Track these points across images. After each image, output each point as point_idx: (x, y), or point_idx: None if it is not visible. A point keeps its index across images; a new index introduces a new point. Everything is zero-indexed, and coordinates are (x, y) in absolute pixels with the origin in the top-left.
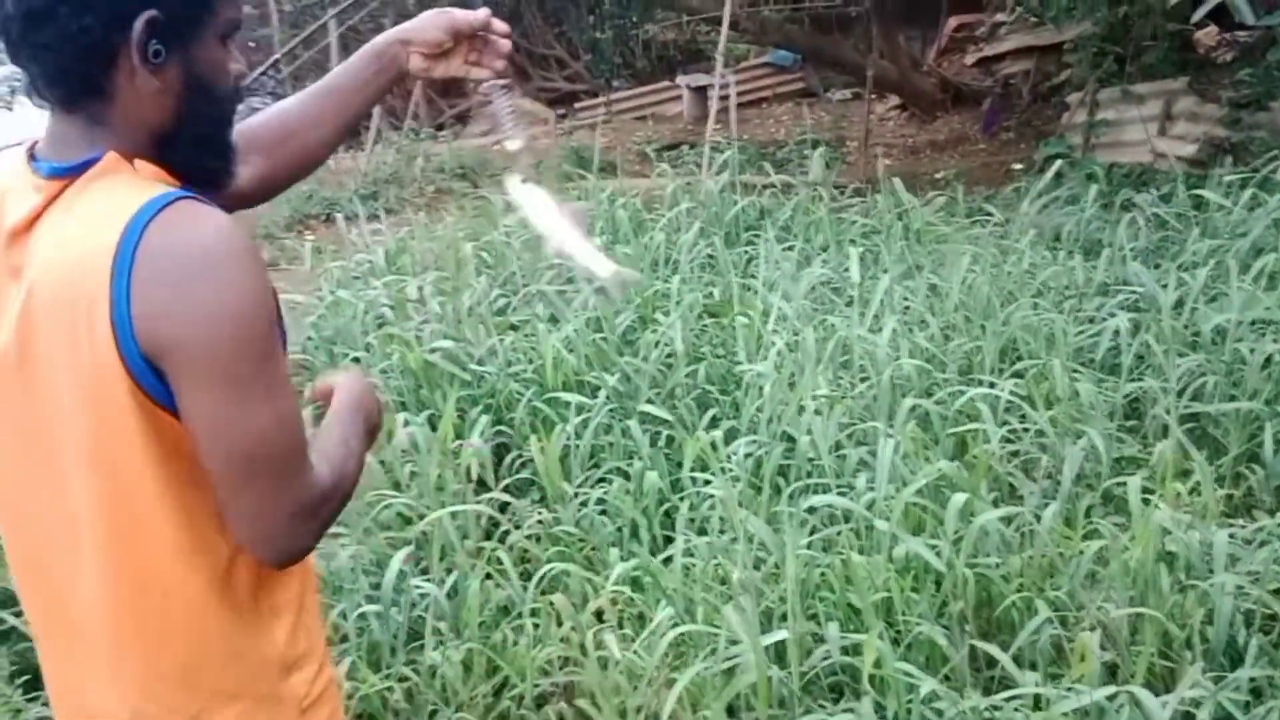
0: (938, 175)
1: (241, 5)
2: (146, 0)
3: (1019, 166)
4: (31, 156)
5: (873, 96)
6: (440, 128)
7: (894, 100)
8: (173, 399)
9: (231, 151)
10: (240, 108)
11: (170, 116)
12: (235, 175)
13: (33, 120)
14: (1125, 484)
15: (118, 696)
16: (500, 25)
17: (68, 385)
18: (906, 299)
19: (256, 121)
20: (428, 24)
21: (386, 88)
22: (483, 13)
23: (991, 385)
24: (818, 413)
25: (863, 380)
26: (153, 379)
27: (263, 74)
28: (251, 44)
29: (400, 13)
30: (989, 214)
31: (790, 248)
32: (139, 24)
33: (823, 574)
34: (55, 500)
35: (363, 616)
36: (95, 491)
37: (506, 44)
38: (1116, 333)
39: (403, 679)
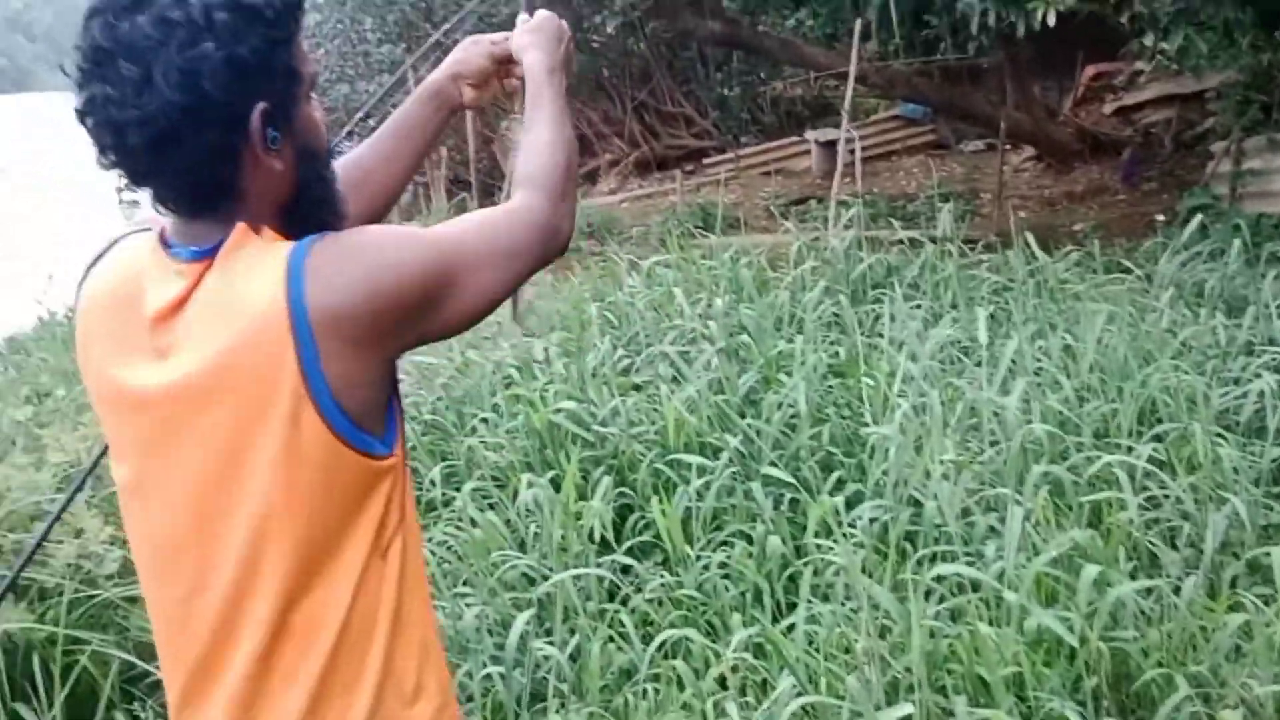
0: (1075, 228)
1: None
2: (255, 94)
3: (1161, 218)
4: (164, 243)
5: (1007, 147)
6: None
7: (1029, 151)
8: (365, 440)
9: (342, 201)
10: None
11: (290, 187)
12: (348, 218)
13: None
14: (1271, 553)
15: None
16: None
17: (251, 441)
18: (1038, 359)
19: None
20: (471, 56)
21: (445, 123)
22: (505, 36)
23: (1129, 450)
24: (945, 477)
25: (992, 444)
26: (344, 420)
27: (350, 131)
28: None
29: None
30: (1127, 269)
31: (918, 306)
32: (255, 120)
33: (950, 645)
34: (220, 552)
35: (487, 677)
36: (282, 538)
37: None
38: (1262, 394)
39: None
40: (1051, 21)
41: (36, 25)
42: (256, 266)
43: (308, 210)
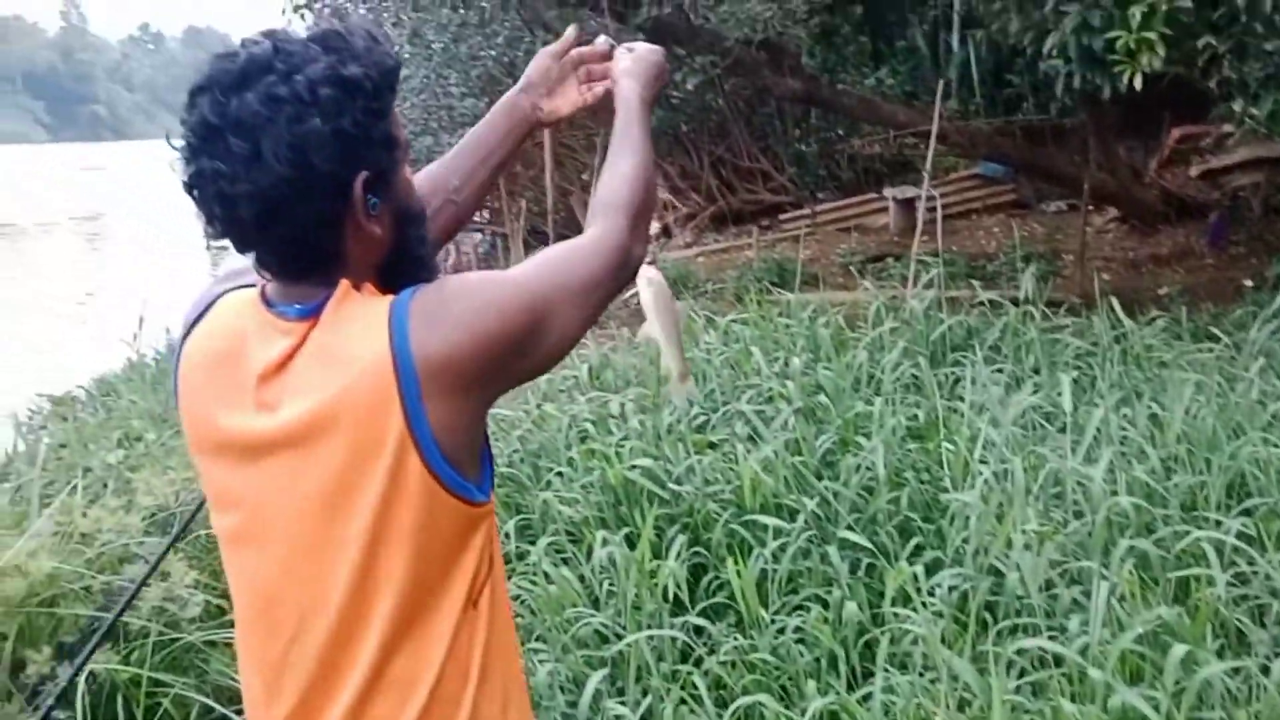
0: (1160, 291)
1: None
2: (357, 164)
3: (1249, 284)
4: (267, 302)
5: (1090, 208)
6: None
7: (1112, 212)
8: (464, 485)
9: (433, 259)
10: None
11: (388, 248)
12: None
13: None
14: None
15: None
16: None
17: (354, 490)
18: (1124, 428)
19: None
20: (532, 66)
21: (522, 138)
22: (569, 30)
23: (1217, 524)
24: (1027, 547)
25: (1076, 515)
26: (445, 465)
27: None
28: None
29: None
30: (1215, 336)
31: (999, 370)
32: (357, 188)
33: None
34: (321, 601)
35: None
36: (383, 587)
37: (603, 44)
38: None
39: None
40: (1138, 85)
41: (136, 76)
42: (360, 319)
43: (405, 269)
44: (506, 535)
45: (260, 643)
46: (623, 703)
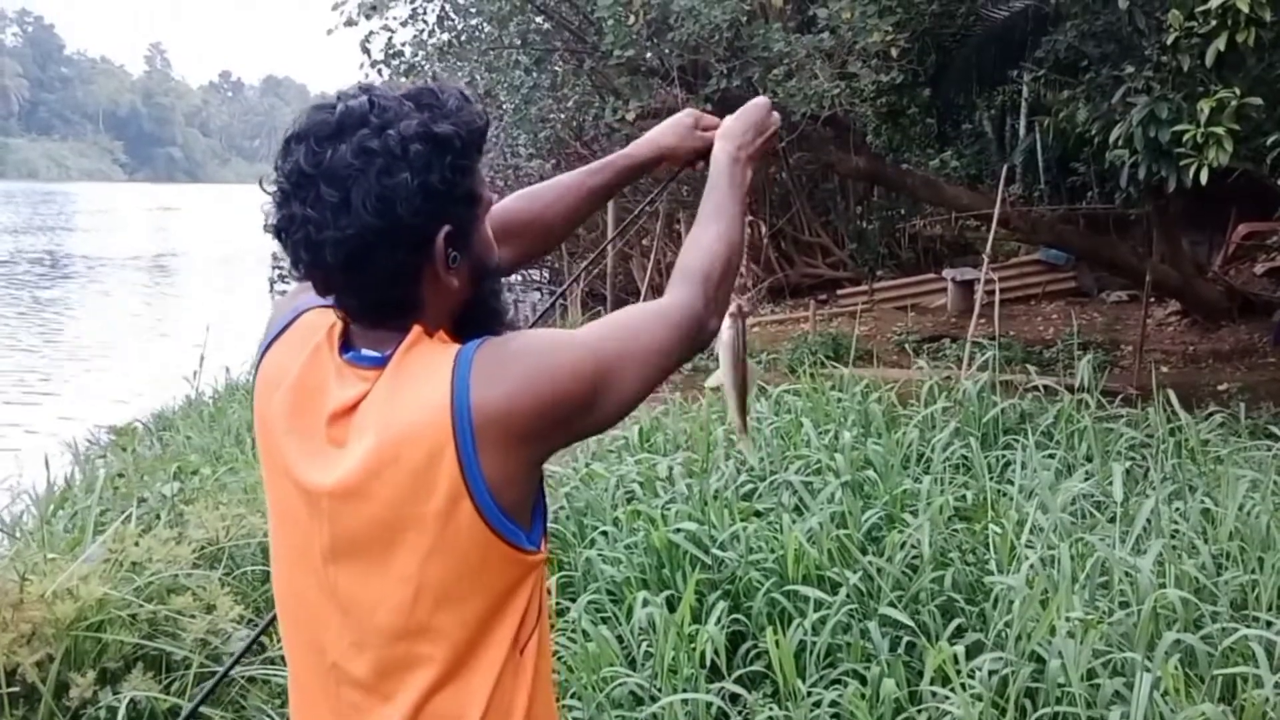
0: (1220, 388)
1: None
2: (441, 218)
3: None
4: (345, 343)
5: (1151, 300)
6: None
7: (1174, 305)
8: (517, 534)
9: (505, 309)
10: None
11: (464, 300)
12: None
13: None
14: None
15: None
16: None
17: (405, 533)
18: (1175, 522)
19: (508, 204)
20: (683, 143)
21: (631, 177)
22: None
23: (1268, 625)
24: (1071, 635)
25: (1122, 606)
26: (499, 513)
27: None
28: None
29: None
30: (1275, 435)
31: (1051, 455)
32: (439, 242)
33: None
34: (368, 640)
35: None
36: (430, 630)
37: None
38: None
39: None
40: (1204, 179)
41: (213, 121)
42: (428, 366)
43: (478, 318)
44: (548, 591)
45: (303, 663)
46: None
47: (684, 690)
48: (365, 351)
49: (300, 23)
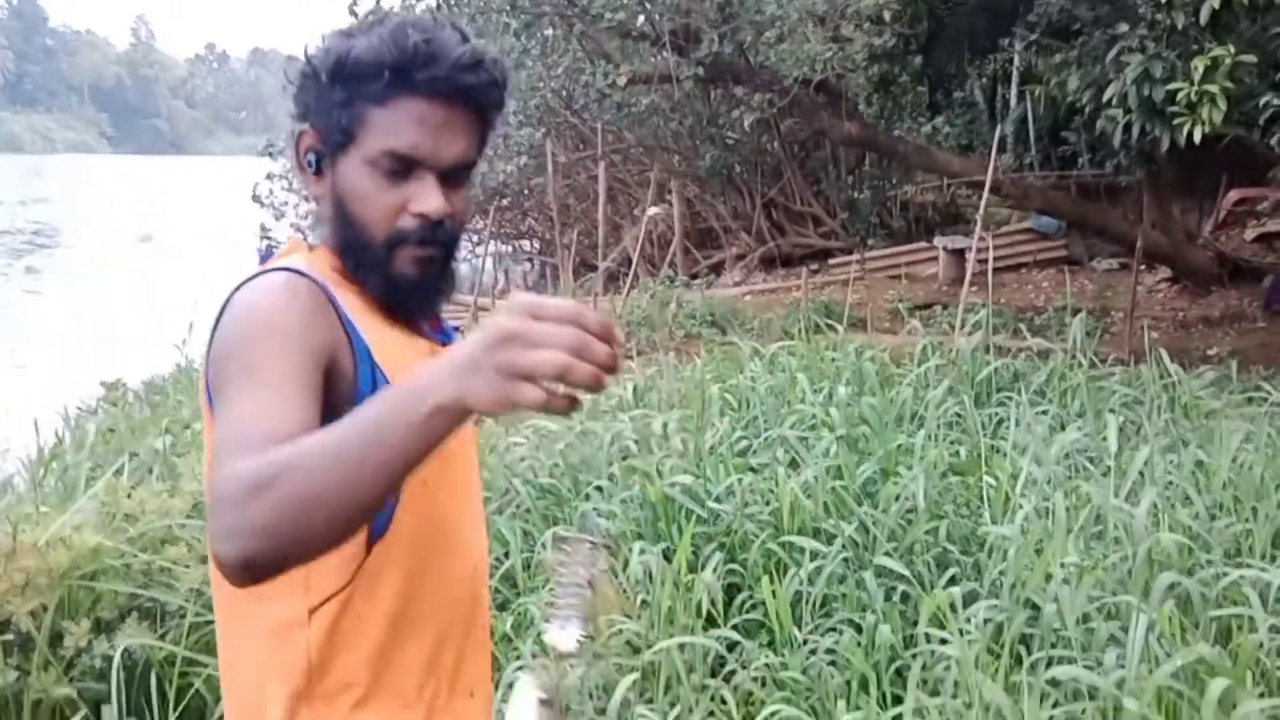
0: (1210, 352)
1: (416, 140)
2: (310, 115)
3: None
4: None
5: (1141, 267)
6: (695, 276)
7: (1164, 272)
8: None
9: (401, 288)
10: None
11: (333, 225)
12: (413, 315)
13: None
14: None
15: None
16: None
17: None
18: (1169, 473)
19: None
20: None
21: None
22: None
23: (1262, 571)
24: (1065, 581)
25: (1116, 552)
26: None
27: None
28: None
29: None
30: (1266, 393)
31: (1044, 412)
32: (295, 134)
33: None
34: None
35: None
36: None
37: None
38: None
39: None
40: (1197, 138)
41: (198, 93)
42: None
43: (348, 259)
44: (544, 546)
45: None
46: (652, 707)
47: (680, 636)
48: None
49: None
